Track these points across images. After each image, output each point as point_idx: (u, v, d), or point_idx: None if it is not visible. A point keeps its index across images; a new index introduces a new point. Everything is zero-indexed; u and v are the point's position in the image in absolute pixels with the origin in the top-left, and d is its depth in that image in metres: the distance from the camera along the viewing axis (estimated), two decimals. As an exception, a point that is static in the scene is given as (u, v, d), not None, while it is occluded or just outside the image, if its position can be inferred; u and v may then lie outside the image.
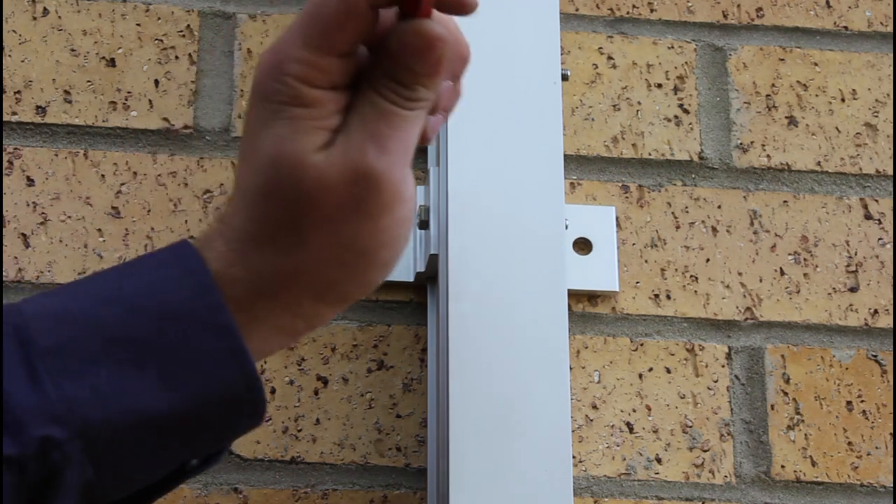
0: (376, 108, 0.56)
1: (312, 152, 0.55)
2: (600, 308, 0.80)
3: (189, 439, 0.55)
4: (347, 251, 0.56)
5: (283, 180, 0.55)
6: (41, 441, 0.51)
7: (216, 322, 0.54)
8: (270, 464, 0.76)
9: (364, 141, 0.55)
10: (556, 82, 0.73)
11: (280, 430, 0.76)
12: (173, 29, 0.84)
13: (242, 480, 0.75)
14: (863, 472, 0.78)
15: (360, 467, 0.76)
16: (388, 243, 0.57)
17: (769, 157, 0.84)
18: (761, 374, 0.80)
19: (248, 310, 0.56)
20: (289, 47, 0.55)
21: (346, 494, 0.75)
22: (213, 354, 0.54)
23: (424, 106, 0.57)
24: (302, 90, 0.55)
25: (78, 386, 0.52)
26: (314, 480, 0.76)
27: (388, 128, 0.55)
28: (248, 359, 0.54)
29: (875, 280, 0.82)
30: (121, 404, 0.53)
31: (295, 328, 0.58)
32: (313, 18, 0.55)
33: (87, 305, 0.54)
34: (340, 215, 0.55)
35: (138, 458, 0.54)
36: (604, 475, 0.77)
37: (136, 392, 0.53)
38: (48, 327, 0.53)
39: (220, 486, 0.75)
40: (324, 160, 0.55)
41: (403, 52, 0.55)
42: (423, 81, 0.56)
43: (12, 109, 0.82)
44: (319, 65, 0.55)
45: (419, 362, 0.78)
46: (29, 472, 0.51)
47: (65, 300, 0.55)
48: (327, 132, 0.55)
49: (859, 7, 0.88)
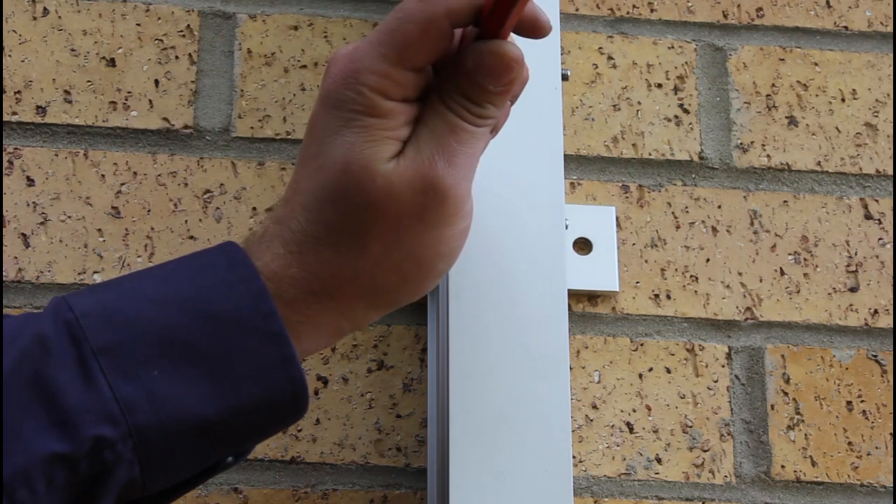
0: (446, 123, 0.57)
1: (383, 161, 0.56)
2: (600, 308, 0.80)
3: (234, 440, 0.57)
4: (406, 260, 0.58)
5: (352, 187, 0.57)
6: (94, 440, 0.52)
7: (268, 329, 0.55)
8: (270, 464, 0.76)
9: (434, 154, 0.57)
10: (557, 87, 0.74)
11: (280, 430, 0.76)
12: (173, 29, 0.84)
13: (242, 480, 0.75)
14: (863, 472, 0.78)
15: (360, 467, 0.76)
16: (445, 254, 0.59)
17: (769, 157, 0.84)
18: (761, 374, 0.80)
19: (302, 311, 0.57)
20: (367, 59, 0.57)
21: (346, 494, 0.75)
22: (264, 361, 0.55)
23: (491, 123, 0.59)
24: (377, 101, 0.57)
25: (132, 387, 0.53)
26: (314, 480, 0.76)
27: (456, 143, 0.57)
28: (298, 366, 0.55)
29: (875, 280, 0.82)
30: (173, 408, 0.54)
31: (341, 329, 0.60)
32: (395, 33, 0.57)
33: (139, 306, 0.55)
34: (404, 224, 0.57)
35: (183, 458, 0.55)
36: (604, 475, 0.77)
37: (189, 396, 0.54)
38: (101, 326, 0.54)
39: (220, 486, 0.75)
40: (393, 170, 0.56)
41: (479, 71, 0.57)
42: (493, 100, 0.58)
43: (12, 109, 0.82)
44: (396, 78, 0.57)
45: (419, 362, 0.78)
46: (80, 470, 0.52)
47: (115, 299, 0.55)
48: (397, 143, 0.57)
49: (859, 7, 0.88)
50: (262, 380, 0.55)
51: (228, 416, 0.55)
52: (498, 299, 0.69)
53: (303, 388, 0.56)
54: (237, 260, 0.56)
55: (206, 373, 0.54)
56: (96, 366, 0.53)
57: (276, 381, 0.55)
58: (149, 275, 0.57)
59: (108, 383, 0.53)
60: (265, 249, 0.57)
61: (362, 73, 0.57)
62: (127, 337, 0.54)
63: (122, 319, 0.54)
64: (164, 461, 0.54)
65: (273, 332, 0.55)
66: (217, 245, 0.58)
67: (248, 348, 0.55)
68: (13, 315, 0.56)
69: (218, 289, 0.55)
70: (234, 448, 0.57)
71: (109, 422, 0.52)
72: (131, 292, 0.56)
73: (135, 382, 0.53)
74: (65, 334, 0.53)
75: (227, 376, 0.54)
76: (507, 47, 0.57)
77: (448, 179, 0.57)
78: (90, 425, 0.52)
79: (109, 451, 0.52)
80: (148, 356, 0.53)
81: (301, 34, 0.85)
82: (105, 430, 0.52)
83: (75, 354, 0.53)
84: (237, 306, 0.55)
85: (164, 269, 0.57)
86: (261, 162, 0.82)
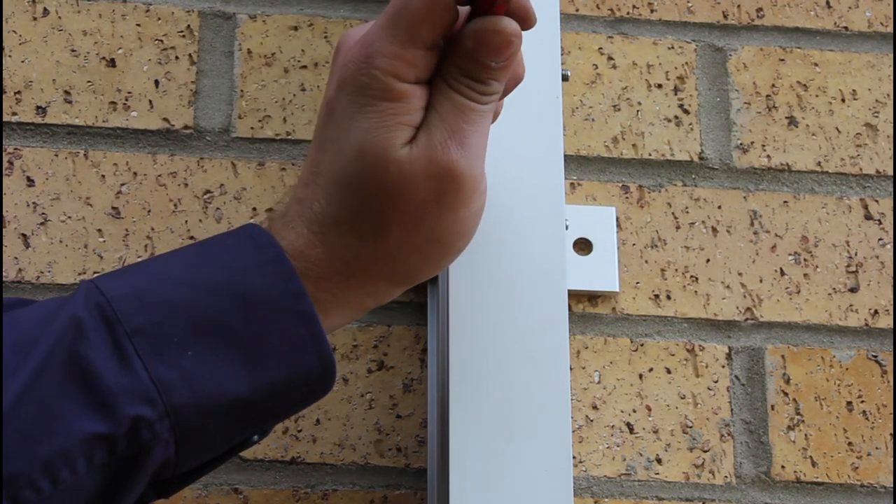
0: (453, 104, 0.58)
1: (396, 148, 0.57)
2: (600, 308, 0.80)
3: (265, 417, 0.58)
4: (427, 242, 0.59)
5: (367, 173, 0.58)
6: (133, 420, 0.53)
7: (298, 309, 0.56)
8: (270, 464, 0.76)
9: (446, 138, 0.58)
10: (557, 87, 0.73)
11: (280, 431, 0.76)
12: (173, 29, 0.84)
13: (242, 481, 0.75)
14: (863, 473, 0.78)
15: (360, 468, 0.76)
16: (464, 233, 0.60)
17: (769, 158, 0.84)
18: (761, 374, 0.80)
19: (328, 290, 0.58)
20: (377, 41, 0.58)
21: (347, 495, 0.75)
22: (295, 340, 0.56)
23: (496, 99, 0.60)
24: (391, 84, 0.57)
25: (167, 368, 0.54)
26: (314, 481, 0.76)
27: (466, 123, 0.58)
28: (327, 343, 0.57)
29: (875, 280, 0.82)
30: (208, 387, 0.54)
31: (366, 306, 0.61)
32: (401, 13, 0.57)
33: (169, 288, 0.56)
34: (422, 208, 0.58)
35: (216, 437, 0.56)
36: (604, 475, 0.77)
37: (222, 376, 0.55)
38: (133, 308, 0.54)
39: (220, 487, 0.75)
40: (406, 157, 0.57)
41: (480, 49, 0.58)
42: (496, 76, 0.59)
43: (12, 110, 0.82)
44: (407, 58, 0.57)
45: (419, 363, 0.78)
46: (119, 449, 0.53)
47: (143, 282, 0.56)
48: (411, 128, 0.58)
49: (859, 7, 0.88)
50: (293, 358, 0.56)
51: (261, 395, 0.56)
52: (498, 300, 0.69)
53: (332, 365, 0.57)
54: (263, 242, 0.57)
55: (238, 352, 0.55)
56: (131, 347, 0.54)
57: (306, 359, 0.56)
58: (175, 257, 0.58)
59: (144, 364, 0.53)
60: (290, 228, 0.59)
61: (374, 57, 0.57)
62: (159, 318, 0.54)
63: (153, 301, 0.55)
64: (198, 440, 0.55)
65: (302, 312, 0.56)
66: (240, 227, 0.59)
67: (279, 328, 0.56)
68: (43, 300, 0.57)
69: (247, 270, 0.56)
70: (263, 425, 0.59)
71: (147, 402, 0.53)
72: (159, 275, 0.57)
73: (169, 363, 0.54)
74: (98, 316, 0.54)
75: (259, 355, 0.55)
76: (504, 23, 0.58)
77: (462, 162, 0.58)
78: (128, 405, 0.53)
79: (147, 431, 0.53)
80: (181, 337, 0.54)
81: (301, 34, 0.85)
82: (143, 410, 0.53)
83: (109, 336, 0.54)
84: (267, 286, 0.56)
85: (189, 251, 0.58)
86: (261, 162, 0.82)
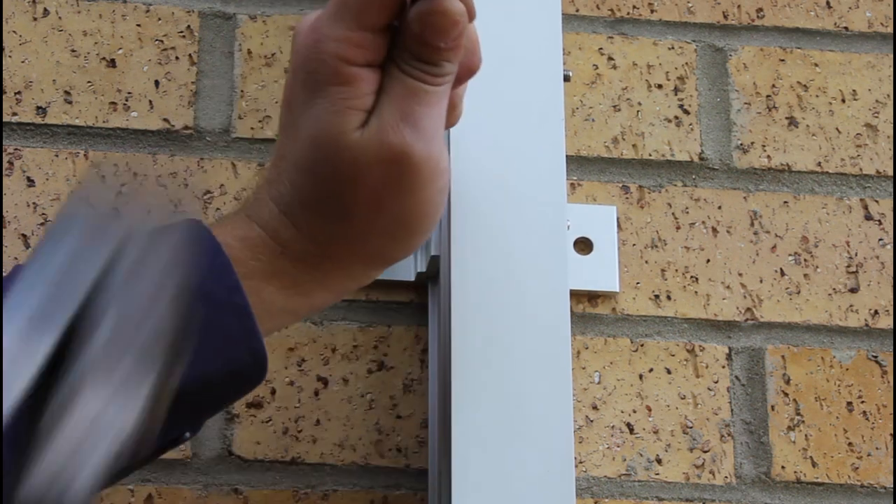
0: (405, 87, 0.58)
1: (348, 133, 0.57)
2: (600, 308, 0.80)
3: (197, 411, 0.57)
4: (392, 224, 0.59)
5: (322, 160, 0.58)
6: None
7: (232, 301, 0.56)
8: (271, 465, 0.76)
9: (398, 121, 0.57)
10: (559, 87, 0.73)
11: (280, 431, 0.76)
12: (173, 30, 0.84)
13: (243, 481, 0.75)
14: (863, 473, 0.78)
15: (360, 468, 0.76)
16: (430, 213, 0.60)
17: (769, 158, 0.84)
18: (761, 374, 0.80)
19: (307, 271, 0.59)
20: (325, 26, 0.58)
21: (347, 495, 0.75)
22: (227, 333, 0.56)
23: (450, 79, 0.59)
24: (340, 67, 0.57)
25: None
26: (314, 481, 0.76)
27: (419, 105, 0.58)
28: (259, 338, 0.56)
29: (875, 281, 0.82)
30: None
31: (346, 287, 0.62)
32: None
33: None
34: (381, 192, 0.58)
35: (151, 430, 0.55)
36: (604, 476, 0.77)
37: None
38: None
39: (220, 487, 0.75)
40: (358, 142, 0.57)
41: (427, 32, 0.57)
42: (447, 56, 0.59)
43: (13, 110, 0.82)
44: (355, 41, 0.57)
45: (419, 363, 0.78)
46: None
47: None
48: (362, 113, 0.58)
49: (859, 8, 0.88)
50: (225, 351, 0.56)
51: (191, 387, 0.55)
52: (499, 299, 0.69)
53: (263, 359, 0.57)
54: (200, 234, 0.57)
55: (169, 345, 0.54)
56: None
57: (238, 352, 0.56)
58: None
59: None
60: (262, 206, 0.59)
61: (323, 41, 0.57)
62: None
63: None
64: None
65: (235, 304, 0.56)
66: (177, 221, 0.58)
67: (213, 321, 0.55)
68: None
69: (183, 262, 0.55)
70: (194, 419, 0.58)
71: None
72: None
73: None
74: None
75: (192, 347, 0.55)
76: (447, 3, 0.57)
77: (417, 145, 0.57)
78: None
79: None
80: None
81: (301, 35, 0.85)
82: None
83: None
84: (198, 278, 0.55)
85: None
86: (261, 163, 0.82)
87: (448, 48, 0.58)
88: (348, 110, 0.57)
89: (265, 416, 0.77)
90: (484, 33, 0.66)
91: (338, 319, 0.79)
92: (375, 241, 0.60)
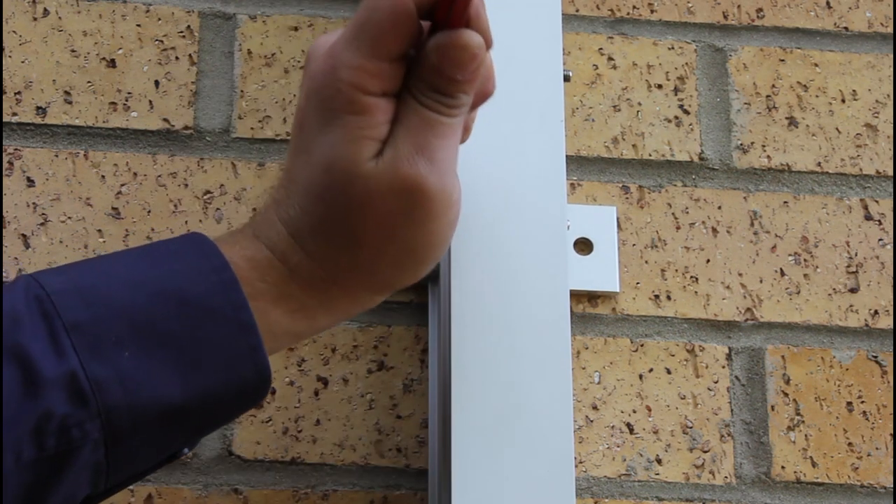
0: (421, 118, 0.57)
1: (362, 163, 0.57)
2: (600, 309, 0.80)
3: (198, 426, 0.57)
4: (400, 253, 0.59)
5: (334, 188, 0.57)
6: (63, 416, 0.52)
7: (238, 318, 0.56)
8: (271, 465, 0.76)
9: (413, 153, 0.57)
10: (559, 88, 0.73)
11: (280, 431, 0.76)
12: (173, 30, 0.84)
13: (243, 481, 0.75)
14: (863, 473, 0.78)
15: (360, 468, 0.76)
16: (439, 244, 0.60)
17: (769, 158, 0.84)
18: (761, 374, 0.80)
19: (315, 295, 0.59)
20: (342, 53, 0.57)
21: (347, 495, 0.75)
22: (232, 350, 0.55)
23: (465, 111, 0.59)
24: (356, 97, 0.57)
25: (103, 366, 0.53)
26: (314, 481, 0.76)
27: (434, 137, 0.57)
28: (264, 355, 0.56)
29: (875, 281, 0.82)
30: (143, 390, 0.53)
31: (351, 311, 0.61)
32: (365, 25, 0.57)
33: (112, 287, 0.55)
34: (392, 222, 0.58)
35: (148, 443, 0.55)
36: (604, 476, 0.77)
37: (158, 380, 0.54)
38: (73, 303, 0.53)
39: (220, 487, 0.75)
40: (372, 172, 0.57)
41: (444, 64, 0.57)
42: (464, 88, 0.58)
43: (12, 110, 0.82)
44: (371, 70, 0.56)
45: (419, 363, 0.78)
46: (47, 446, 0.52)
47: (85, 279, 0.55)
48: (377, 142, 0.57)
49: (859, 8, 0.88)
50: (229, 368, 0.56)
51: (195, 402, 0.55)
52: (500, 300, 0.69)
53: (267, 376, 0.57)
54: (208, 250, 0.57)
55: (175, 358, 0.54)
56: (68, 342, 0.52)
57: (242, 369, 0.56)
58: (119, 258, 0.57)
59: (80, 360, 0.52)
60: (271, 227, 0.58)
61: (339, 69, 0.57)
62: (99, 315, 0.53)
63: (93, 298, 0.54)
64: (129, 445, 0.54)
65: (242, 322, 0.56)
66: (185, 234, 0.58)
67: (218, 337, 0.55)
68: None
69: (191, 276, 0.55)
70: (195, 435, 0.58)
71: (79, 399, 0.52)
72: (103, 273, 0.56)
73: (106, 362, 0.53)
74: (36, 309, 0.53)
75: (196, 363, 0.55)
76: (467, 36, 0.57)
77: (431, 177, 0.57)
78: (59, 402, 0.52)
79: (77, 430, 0.52)
80: (119, 336, 0.53)
81: (301, 35, 0.85)
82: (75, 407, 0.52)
83: (47, 329, 0.53)
84: (208, 294, 0.55)
85: (134, 253, 0.57)
86: (261, 163, 0.82)
87: (465, 80, 0.58)
88: (363, 139, 0.57)
89: (265, 416, 0.77)
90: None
91: (338, 319, 0.79)
92: (384, 269, 0.59)
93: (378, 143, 0.57)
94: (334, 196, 0.57)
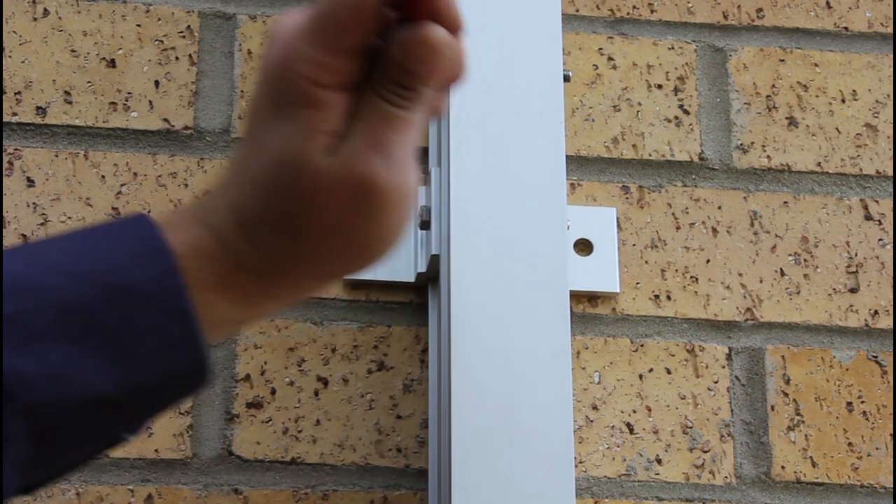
0: (380, 112, 0.56)
1: (315, 157, 0.55)
2: (601, 309, 0.80)
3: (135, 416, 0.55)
4: (350, 246, 0.58)
5: (285, 180, 0.56)
6: None
7: (175, 305, 0.54)
8: (271, 465, 0.76)
9: (368, 148, 0.56)
10: (559, 87, 0.73)
11: (280, 431, 0.76)
12: (173, 30, 0.84)
13: (242, 481, 0.75)
14: (863, 473, 0.78)
15: (360, 468, 0.76)
16: (390, 237, 0.58)
17: (769, 158, 0.84)
18: (761, 374, 0.80)
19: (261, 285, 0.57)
20: (299, 45, 0.55)
21: (347, 495, 0.75)
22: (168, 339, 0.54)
23: (426, 106, 0.58)
24: (310, 90, 0.55)
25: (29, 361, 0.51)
26: (314, 481, 0.76)
27: (392, 132, 0.56)
28: (201, 342, 0.54)
29: (875, 281, 0.82)
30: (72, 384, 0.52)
31: (297, 299, 0.60)
32: (324, 17, 0.55)
33: (43, 275, 0.53)
34: (343, 217, 0.56)
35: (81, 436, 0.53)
36: (604, 476, 0.77)
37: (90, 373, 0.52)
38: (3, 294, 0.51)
39: (220, 487, 0.75)
40: (327, 166, 0.55)
41: (407, 58, 0.56)
42: (426, 81, 0.57)
43: (12, 110, 0.82)
44: (328, 64, 0.55)
45: (419, 363, 0.78)
46: None
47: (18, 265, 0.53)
48: (331, 136, 0.56)
49: (859, 8, 0.88)
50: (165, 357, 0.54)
51: (129, 393, 0.53)
52: (500, 300, 0.69)
53: (205, 364, 0.55)
54: (147, 233, 0.55)
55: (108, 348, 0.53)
56: None
57: (179, 358, 0.54)
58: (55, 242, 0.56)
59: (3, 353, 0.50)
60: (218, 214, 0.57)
61: (294, 61, 0.55)
62: (27, 307, 0.52)
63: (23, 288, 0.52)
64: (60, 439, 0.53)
65: (179, 309, 0.54)
66: (128, 216, 0.56)
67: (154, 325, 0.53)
68: None
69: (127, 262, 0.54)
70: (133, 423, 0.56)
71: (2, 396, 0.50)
72: (36, 260, 0.54)
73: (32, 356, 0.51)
74: None
75: (130, 352, 0.53)
76: (432, 31, 0.55)
77: (383, 173, 0.56)
78: None
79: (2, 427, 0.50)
80: (48, 329, 0.52)
81: (301, 35, 0.85)
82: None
83: None
84: (145, 282, 0.53)
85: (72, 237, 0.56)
86: (261, 163, 0.82)
87: (427, 74, 0.56)
88: (316, 133, 0.55)
89: (265, 416, 0.77)
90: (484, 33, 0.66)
91: (338, 319, 0.79)
92: (333, 260, 0.58)
93: (331, 138, 0.56)
94: (284, 189, 0.56)
